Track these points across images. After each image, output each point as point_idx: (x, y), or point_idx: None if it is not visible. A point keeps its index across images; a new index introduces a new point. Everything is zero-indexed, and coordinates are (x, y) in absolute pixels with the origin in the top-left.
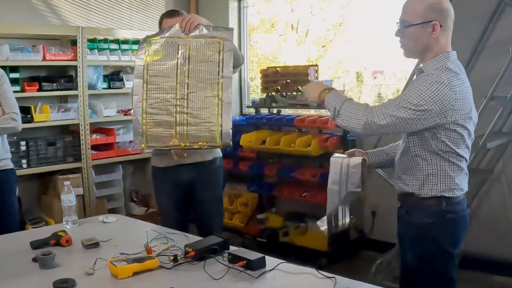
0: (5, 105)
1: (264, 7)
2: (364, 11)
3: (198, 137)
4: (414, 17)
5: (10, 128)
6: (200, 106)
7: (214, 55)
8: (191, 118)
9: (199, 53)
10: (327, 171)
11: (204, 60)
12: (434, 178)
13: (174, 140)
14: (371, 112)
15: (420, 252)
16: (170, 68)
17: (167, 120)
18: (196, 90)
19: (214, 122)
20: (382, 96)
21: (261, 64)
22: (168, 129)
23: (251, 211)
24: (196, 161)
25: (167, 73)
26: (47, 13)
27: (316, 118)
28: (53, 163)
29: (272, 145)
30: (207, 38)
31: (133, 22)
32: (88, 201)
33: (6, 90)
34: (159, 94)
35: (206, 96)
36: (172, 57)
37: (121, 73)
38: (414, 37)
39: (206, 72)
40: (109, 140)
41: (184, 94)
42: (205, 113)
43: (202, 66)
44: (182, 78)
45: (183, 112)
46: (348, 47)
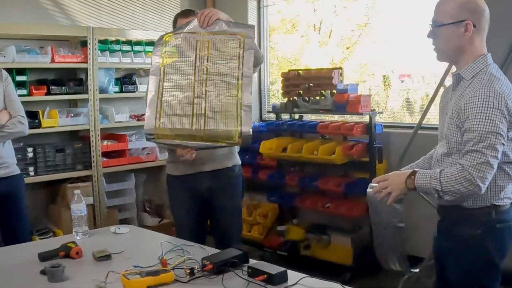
0: (11, 109)
1: (284, 6)
2: (391, 10)
3: (215, 137)
4: (445, 17)
5: (18, 133)
6: (219, 106)
7: (234, 52)
8: (209, 118)
9: (218, 50)
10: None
11: (223, 58)
12: None
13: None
14: (471, 171)
15: (468, 266)
16: (188, 66)
17: (183, 119)
18: (215, 89)
19: (233, 123)
20: (410, 101)
21: (281, 67)
22: (184, 127)
23: (271, 222)
24: (214, 169)
25: (184, 71)
26: (55, 13)
27: (341, 124)
28: (61, 171)
29: (293, 153)
30: (227, 34)
31: (147, 22)
32: (98, 211)
33: (11, 92)
34: (175, 91)
35: (225, 96)
36: (190, 54)
37: (133, 76)
38: (446, 38)
39: (225, 70)
40: (121, 147)
41: (201, 92)
42: (224, 113)
43: (221, 64)
44: (200, 76)
45: (200, 112)
46: (374, 49)
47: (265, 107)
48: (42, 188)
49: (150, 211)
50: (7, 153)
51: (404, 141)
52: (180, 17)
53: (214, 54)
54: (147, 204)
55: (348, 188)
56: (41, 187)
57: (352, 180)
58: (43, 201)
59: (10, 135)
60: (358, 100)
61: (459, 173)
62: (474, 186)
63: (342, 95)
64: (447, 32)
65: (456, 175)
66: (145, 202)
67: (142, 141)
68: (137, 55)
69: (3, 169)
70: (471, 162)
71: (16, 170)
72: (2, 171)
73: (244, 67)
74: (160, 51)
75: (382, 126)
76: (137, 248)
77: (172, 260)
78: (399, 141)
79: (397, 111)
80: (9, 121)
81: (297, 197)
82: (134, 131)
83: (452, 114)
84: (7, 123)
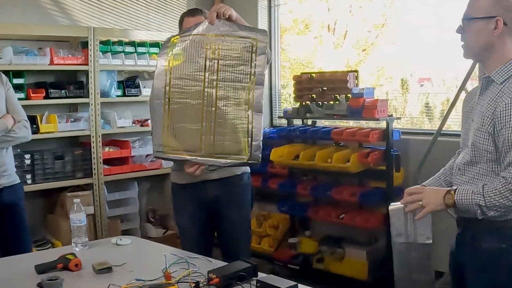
0: (14, 113)
1: (297, 5)
2: (409, 9)
3: (224, 148)
4: (477, 11)
5: (23, 138)
6: (228, 114)
7: (246, 57)
8: (218, 127)
9: (229, 55)
10: (367, 190)
11: (234, 64)
12: None
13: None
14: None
15: (491, 281)
16: (196, 71)
17: (192, 128)
18: (224, 96)
19: (243, 132)
20: (430, 106)
21: (294, 69)
22: (193, 138)
23: (282, 234)
24: (221, 177)
25: (192, 76)
26: (55, 12)
27: (356, 130)
28: (60, 178)
29: (306, 161)
30: (239, 38)
31: (151, 22)
32: (99, 222)
33: (13, 96)
34: (183, 99)
35: (235, 103)
36: (199, 58)
37: (137, 79)
38: (475, 33)
39: (236, 76)
40: (123, 154)
41: (211, 100)
42: (234, 122)
43: (232, 69)
44: (209, 82)
45: (210, 123)
46: (392, 51)
47: (276, 112)
48: (40, 197)
49: (154, 221)
50: (9, 160)
51: (423, 148)
52: (187, 16)
53: (225, 59)
54: (151, 214)
55: (364, 198)
56: (39, 196)
57: (367, 190)
58: (41, 210)
59: (16, 140)
60: (374, 105)
61: (503, 186)
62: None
63: (358, 100)
64: (476, 27)
65: (500, 189)
66: (149, 212)
67: (146, 147)
68: (140, 57)
69: (6, 178)
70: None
71: (17, 179)
72: (4, 180)
73: (256, 73)
74: (167, 53)
75: (400, 132)
76: (140, 260)
77: (176, 273)
78: (418, 148)
79: (416, 116)
80: (15, 125)
81: (310, 208)
82: (138, 137)
83: (483, 120)
84: (13, 127)
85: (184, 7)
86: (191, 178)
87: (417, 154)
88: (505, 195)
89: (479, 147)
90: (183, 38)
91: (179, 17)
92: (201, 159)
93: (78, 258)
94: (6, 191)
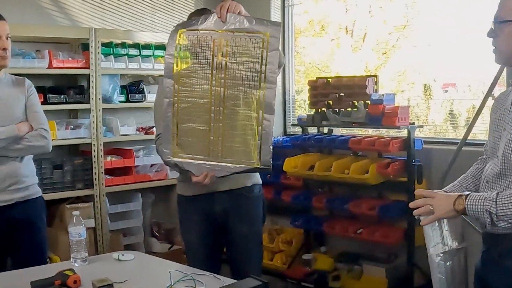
0: (33, 120)
1: (312, 6)
2: (433, 10)
3: (233, 151)
4: (509, 13)
5: (39, 147)
6: (237, 115)
7: (256, 54)
8: (227, 128)
9: (238, 52)
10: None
11: (243, 61)
12: None
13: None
14: None
15: None
16: (204, 69)
17: (200, 129)
18: (233, 96)
19: (252, 135)
20: (454, 114)
21: (309, 74)
22: (201, 140)
23: (295, 250)
24: (231, 188)
25: (200, 74)
26: (54, 12)
27: (375, 139)
28: (59, 189)
29: (321, 172)
30: (248, 33)
31: (156, 23)
32: (100, 235)
33: (35, 103)
34: (191, 98)
35: (245, 103)
36: (206, 54)
37: (141, 84)
38: (508, 36)
39: (245, 74)
40: (126, 164)
41: (219, 99)
42: (243, 123)
43: (241, 67)
44: (217, 81)
45: (218, 124)
46: (414, 54)
47: (289, 119)
48: None
49: (158, 236)
50: (27, 171)
51: (447, 158)
52: (195, 16)
53: (233, 56)
54: (156, 228)
55: (383, 211)
56: None
57: (387, 203)
58: None
59: (28, 149)
60: (395, 112)
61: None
62: None
63: (377, 107)
64: (509, 30)
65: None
66: (153, 226)
67: (150, 156)
68: (145, 60)
69: (21, 191)
70: None
71: (37, 193)
72: (19, 193)
73: (267, 71)
74: (174, 49)
75: (422, 141)
76: (143, 277)
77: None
78: (442, 158)
79: (440, 124)
80: (29, 133)
81: (325, 222)
82: (142, 145)
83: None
84: (26, 135)
85: (191, 7)
86: (198, 189)
87: (441, 165)
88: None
89: (511, 159)
90: (190, 33)
91: (187, 17)
92: (209, 164)
93: (77, 274)
94: (21, 207)
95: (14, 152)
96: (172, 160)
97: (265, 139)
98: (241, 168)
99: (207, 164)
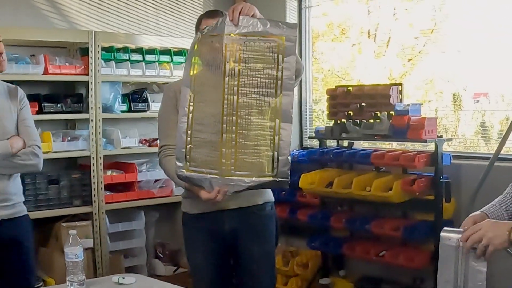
0: (26, 135)
1: (332, 7)
2: (464, 13)
3: (247, 164)
4: None
5: (31, 166)
6: (252, 124)
7: (272, 59)
8: (241, 139)
9: (252, 57)
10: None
11: (258, 67)
12: None
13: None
14: None
15: None
16: (216, 76)
17: (212, 140)
18: (247, 104)
19: (268, 145)
20: (486, 126)
21: (327, 82)
22: (213, 152)
23: (312, 274)
24: (240, 206)
25: (213, 82)
26: (50, 14)
27: (400, 153)
28: (55, 206)
29: (341, 189)
30: (262, 37)
31: (161, 26)
32: (99, 257)
33: (27, 116)
34: (205, 107)
35: (260, 112)
36: (218, 61)
37: (145, 92)
38: None
39: (260, 81)
40: (128, 179)
41: (232, 108)
42: (258, 133)
43: (255, 73)
44: (230, 89)
45: (231, 131)
46: (443, 61)
47: (306, 131)
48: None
49: (163, 257)
50: (14, 189)
51: (477, 175)
52: (205, 18)
53: (247, 62)
54: (160, 249)
55: (408, 232)
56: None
57: (413, 223)
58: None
59: (20, 168)
60: (421, 124)
61: None
62: None
63: (402, 118)
64: None
65: None
66: (157, 247)
67: (155, 171)
68: (149, 66)
69: (8, 208)
70: None
71: (23, 211)
72: (6, 211)
73: (284, 78)
74: (192, 57)
75: (451, 156)
76: None
77: None
78: (472, 175)
79: (470, 138)
80: (22, 150)
81: (345, 243)
82: (145, 159)
83: None
84: (19, 153)
85: (200, 9)
86: (206, 207)
87: (471, 182)
88: None
89: None
90: (204, 39)
91: (196, 19)
92: (221, 179)
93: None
94: (8, 225)
95: (5, 170)
96: (184, 174)
97: (283, 150)
98: (257, 182)
99: (219, 179)
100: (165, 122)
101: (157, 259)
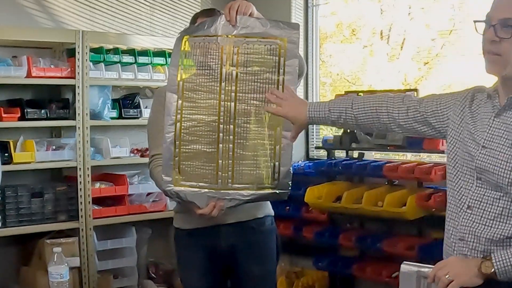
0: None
1: (341, 6)
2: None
3: (245, 176)
4: None
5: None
6: (250, 133)
7: (272, 63)
8: (239, 149)
9: (251, 60)
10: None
11: (257, 71)
12: None
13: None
14: None
15: None
16: (210, 80)
17: (207, 151)
18: (245, 111)
19: (268, 156)
20: None
21: (336, 87)
22: (208, 164)
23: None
24: (238, 221)
25: (206, 87)
26: (34, 12)
27: (415, 165)
28: (38, 221)
29: (350, 204)
30: (262, 38)
31: (155, 25)
32: (86, 277)
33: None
34: (197, 115)
35: (259, 119)
36: (214, 64)
37: (137, 97)
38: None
39: (259, 86)
40: (118, 192)
41: (229, 116)
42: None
43: (254, 78)
44: (227, 95)
45: (228, 141)
46: (461, 65)
47: (313, 141)
48: (11, 245)
49: (156, 278)
50: None
51: None
52: (201, 16)
53: (245, 65)
54: (152, 269)
55: (424, 252)
56: (11, 243)
57: (428, 242)
58: (13, 261)
59: None
60: None
61: None
62: None
63: None
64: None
65: None
66: (150, 266)
67: (147, 184)
68: (141, 69)
69: None
70: None
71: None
72: None
73: (285, 82)
74: (178, 60)
75: None
76: None
77: None
78: None
79: None
80: None
81: (355, 263)
82: (137, 170)
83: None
84: None
85: (196, 7)
86: (201, 222)
87: None
88: None
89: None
90: (196, 40)
91: (191, 18)
92: (216, 193)
93: None
94: None
95: None
96: (174, 189)
97: (284, 160)
98: (256, 195)
99: (215, 193)
100: (156, 129)
101: (150, 280)
